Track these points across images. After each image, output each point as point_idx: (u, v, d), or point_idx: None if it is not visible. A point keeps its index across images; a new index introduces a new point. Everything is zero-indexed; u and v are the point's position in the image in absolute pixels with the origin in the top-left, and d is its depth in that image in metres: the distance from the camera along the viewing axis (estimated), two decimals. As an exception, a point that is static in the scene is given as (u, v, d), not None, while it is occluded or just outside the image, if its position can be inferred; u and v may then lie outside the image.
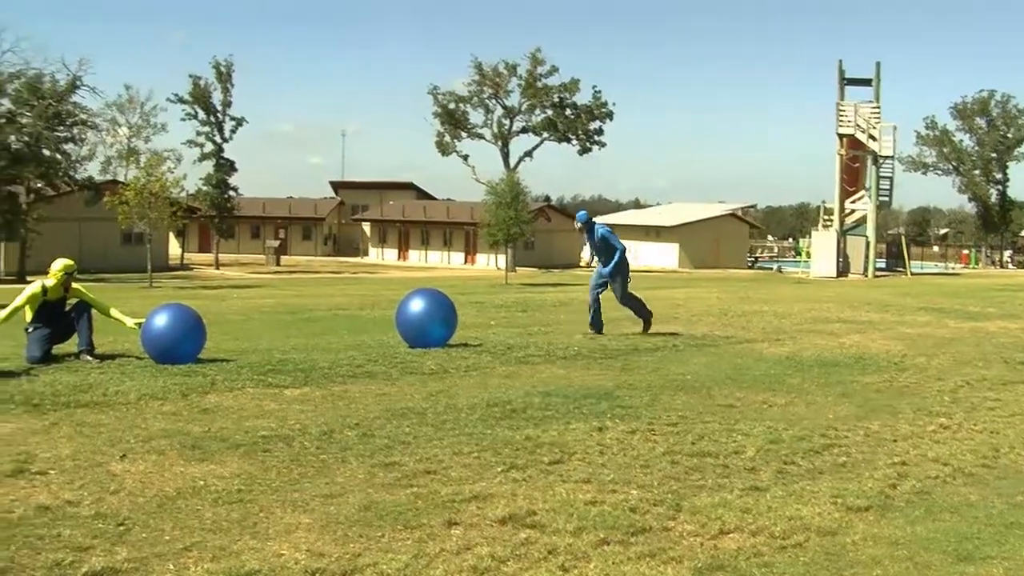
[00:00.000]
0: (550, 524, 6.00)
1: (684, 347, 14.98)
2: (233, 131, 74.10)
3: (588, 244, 17.35)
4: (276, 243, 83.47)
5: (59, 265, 12.83)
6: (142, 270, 53.27)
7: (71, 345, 12.71)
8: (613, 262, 16.40)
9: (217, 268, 71.25)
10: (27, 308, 12.56)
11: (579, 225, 16.73)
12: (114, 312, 13.14)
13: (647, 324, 16.77)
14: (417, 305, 14.26)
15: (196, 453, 7.65)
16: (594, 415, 9.36)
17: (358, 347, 14.37)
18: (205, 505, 6.29)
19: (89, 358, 12.36)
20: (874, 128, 63.04)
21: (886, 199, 67.14)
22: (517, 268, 67.65)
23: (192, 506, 6.27)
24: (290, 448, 7.85)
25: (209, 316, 14.67)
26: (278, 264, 77.47)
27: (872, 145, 63.16)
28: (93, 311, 12.91)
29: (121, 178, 62.65)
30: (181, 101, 72.93)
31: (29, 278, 52.12)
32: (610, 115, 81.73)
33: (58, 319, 12.71)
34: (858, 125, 63.30)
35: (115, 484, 6.73)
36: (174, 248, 76.63)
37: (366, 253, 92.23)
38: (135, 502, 6.34)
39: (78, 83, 61.15)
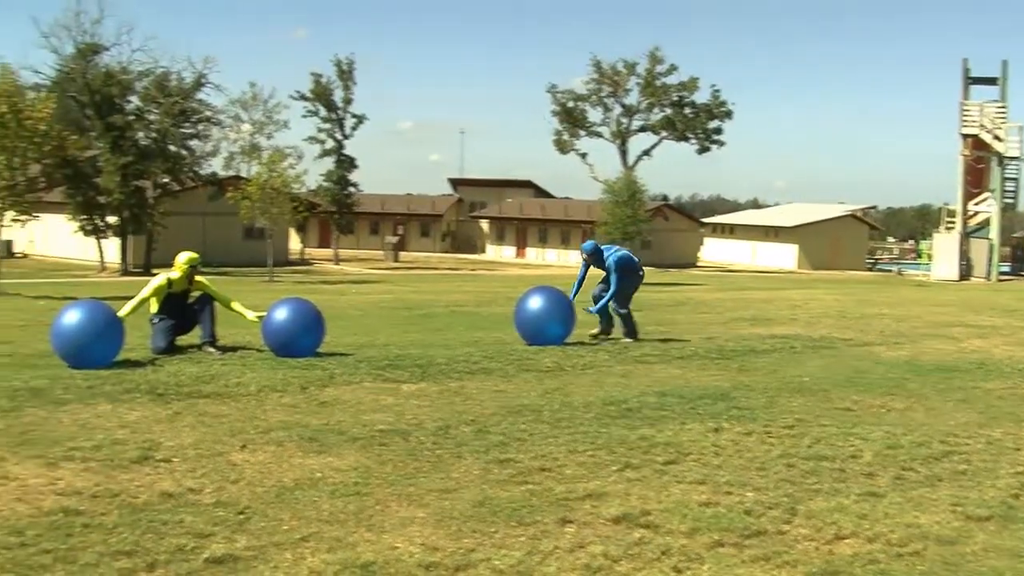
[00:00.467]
0: (664, 524, 5.98)
1: (802, 349, 14.81)
2: (354, 128, 74.88)
3: (596, 267, 15.23)
4: (395, 239, 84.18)
5: (184, 258, 13.15)
6: (263, 264, 54.18)
7: (194, 336, 12.99)
8: (602, 300, 14.90)
9: (336, 263, 72.10)
10: (153, 300, 12.87)
11: (585, 256, 15.11)
12: (235, 305, 13.40)
13: (607, 333, 15.25)
14: (535, 303, 14.28)
15: (314, 445, 7.77)
16: (710, 416, 9.29)
17: (475, 344, 14.46)
18: (322, 496, 6.39)
19: (212, 350, 12.63)
20: (1000, 128, 61.60)
21: (1011, 201, 65.49)
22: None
23: (310, 497, 6.37)
24: (406, 443, 7.93)
25: (328, 311, 14.86)
26: (396, 260, 78.09)
27: (997, 146, 61.74)
28: (216, 304, 13.20)
29: (244, 174, 63.84)
30: (303, 98, 73.92)
31: (154, 270, 53.47)
32: (729, 114, 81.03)
33: (182, 311, 13.01)
34: (983, 125, 61.92)
35: (235, 474, 6.88)
36: (295, 243, 77.76)
37: (484, 250, 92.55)
38: (254, 492, 6.47)
39: (203, 81, 62.46)
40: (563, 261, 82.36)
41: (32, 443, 7.57)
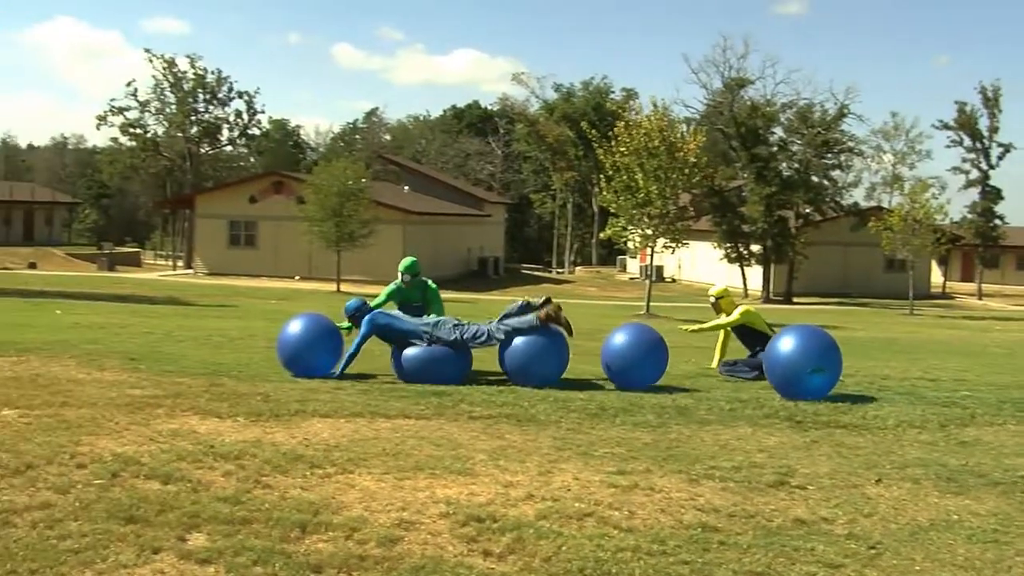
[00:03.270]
0: None
1: None
2: (1000, 157, 71.82)
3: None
4: (1046, 275, 79.66)
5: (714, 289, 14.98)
6: (903, 297, 53.25)
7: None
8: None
9: (979, 298, 69.32)
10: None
11: (346, 317, 12.34)
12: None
13: None
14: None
15: (951, 486, 7.56)
16: None
17: None
18: (958, 540, 6.21)
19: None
20: None
21: None
22: None
23: (944, 539, 6.22)
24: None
25: (970, 347, 14.40)
26: (1046, 297, 73.83)
27: None
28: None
29: (885, 204, 63.28)
30: (946, 127, 71.99)
31: (795, 299, 54.48)
32: None
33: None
34: None
35: (869, 507, 6.85)
36: (936, 276, 75.73)
37: None
38: (887, 527, 6.42)
39: (845, 111, 62.67)
40: None
41: (676, 459, 8.00)
